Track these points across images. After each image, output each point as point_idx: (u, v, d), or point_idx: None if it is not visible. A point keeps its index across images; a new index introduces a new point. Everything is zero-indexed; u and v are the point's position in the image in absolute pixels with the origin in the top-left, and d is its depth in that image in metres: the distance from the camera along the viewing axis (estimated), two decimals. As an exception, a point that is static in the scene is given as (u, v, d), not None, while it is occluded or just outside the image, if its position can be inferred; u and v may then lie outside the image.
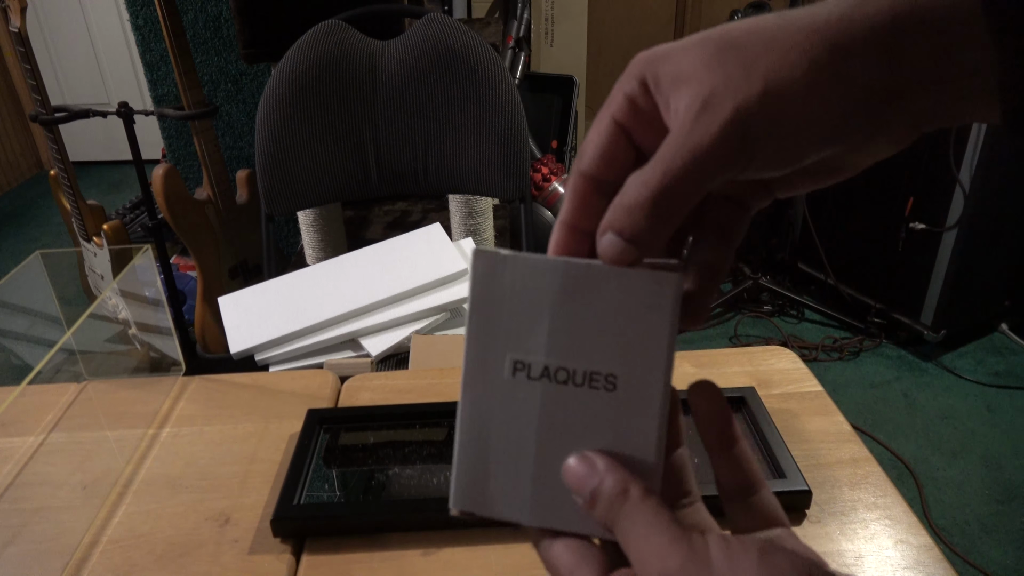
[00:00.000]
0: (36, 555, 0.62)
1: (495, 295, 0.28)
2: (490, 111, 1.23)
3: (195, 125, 1.81)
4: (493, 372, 0.29)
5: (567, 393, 0.28)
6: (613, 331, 0.28)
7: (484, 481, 0.29)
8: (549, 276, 0.28)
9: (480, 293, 0.28)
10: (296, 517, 0.61)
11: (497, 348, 0.28)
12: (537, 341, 0.28)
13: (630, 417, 0.28)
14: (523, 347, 0.28)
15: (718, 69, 0.25)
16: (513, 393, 0.28)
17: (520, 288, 0.28)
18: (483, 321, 0.29)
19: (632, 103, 0.27)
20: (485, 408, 0.29)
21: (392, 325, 1.04)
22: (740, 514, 0.30)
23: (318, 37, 1.21)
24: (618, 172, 0.28)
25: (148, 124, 2.35)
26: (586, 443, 0.28)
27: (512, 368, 0.28)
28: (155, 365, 0.88)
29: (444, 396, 0.78)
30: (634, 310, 0.27)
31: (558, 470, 0.28)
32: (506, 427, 0.29)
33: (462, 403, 0.29)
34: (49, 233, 3.21)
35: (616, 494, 0.27)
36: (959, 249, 2.01)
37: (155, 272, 0.91)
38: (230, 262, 1.91)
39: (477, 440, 0.29)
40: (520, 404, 0.28)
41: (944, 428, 1.92)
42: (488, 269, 0.28)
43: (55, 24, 3.61)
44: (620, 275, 0.27)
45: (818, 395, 0.76)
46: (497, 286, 0.28)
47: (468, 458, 0.29)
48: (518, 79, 2.66)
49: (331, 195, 1.30)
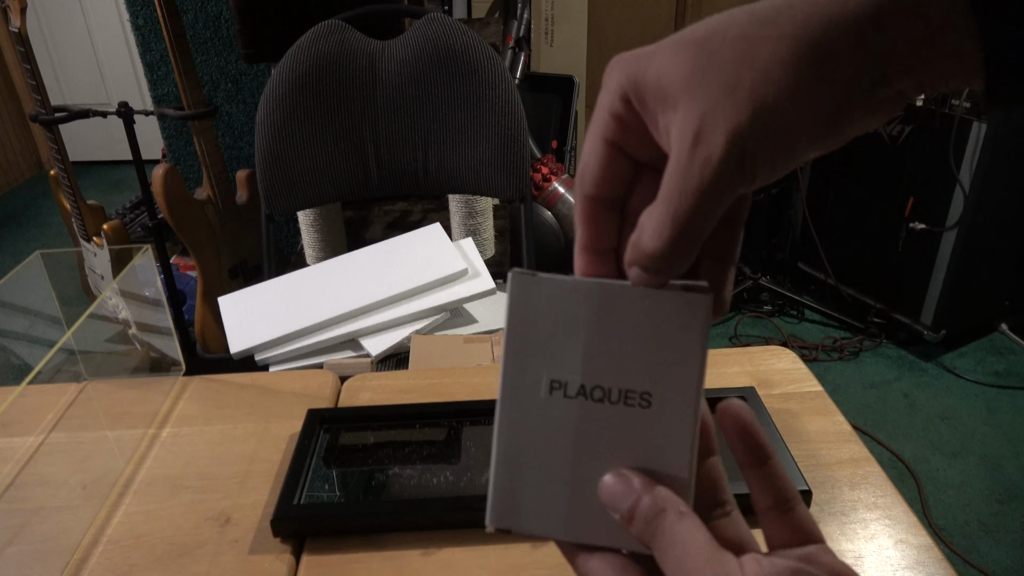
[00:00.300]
0: (36, 555, 0.62)
1: (531, 316, 0.29)
2: (490, 111, 1.23)
3: (195, 125, 1.81)
4: (530, 391, 0.29)
5: (603, 411, 0.29)
6: (646, 350, 0.28)
7: (520, 498, 0.30)
8: (583, 297, 0.29)
9: (516, 314, 0.29)
10: (296, 517, 0.61)
11: (534, 368, 0.29)
12: (573, 360, 0.29)
13: (664, 433, 0.29)
14: (559, 366, 0.29)
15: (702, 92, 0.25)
16: (549, 411, 0.29)
17: (555, 309, 0.29)
18: (519, 341, 0.29)
19: (619, 120, 0.28)
20: (521, 426, 0.30)
21: (392, 325, 1.04)
22: (775, 529, 0.30)
23: (318, 37, 1.21)
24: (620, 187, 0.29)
25: (148, 124, 2.35)
26: (621, 459, 0.29)
27: (549, 387, 0.29)
28: (155, 365, 0.88)
29: (444, 396, 0.78)
30: (666, 329, 0.28)
31: (594, 486, 0.29)
32: (542, 445, 0.29)
33: (499, 422, 0.30)
34: (49, 233, 3.21)
35: (654, 513, 0.27)
36: (959, 249, 2.01)
37: (155, 272, 0.91)
38: (230, 262, 1.91)
39: (514, 458, 0.30)
40: (556, 422, 0.29)
41: (944, 428, 1.92)
42: (524, 291, 0.29)
43: (55, 24, 3.61)
44: (652, 296, 0.28)
45: (818, 395, 0.76)
46: (532, 307, 0.29)
47: (504, 476, 0.30)
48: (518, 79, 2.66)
49: (331, 195, 1.30)
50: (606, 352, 0.29)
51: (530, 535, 0.30)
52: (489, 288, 1.06)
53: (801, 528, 0.30)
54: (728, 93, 0.25)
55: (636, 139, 0.28)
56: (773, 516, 0.30)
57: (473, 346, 0.96)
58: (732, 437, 0.30)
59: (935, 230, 2.04)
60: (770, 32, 0.25)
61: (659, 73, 0.26)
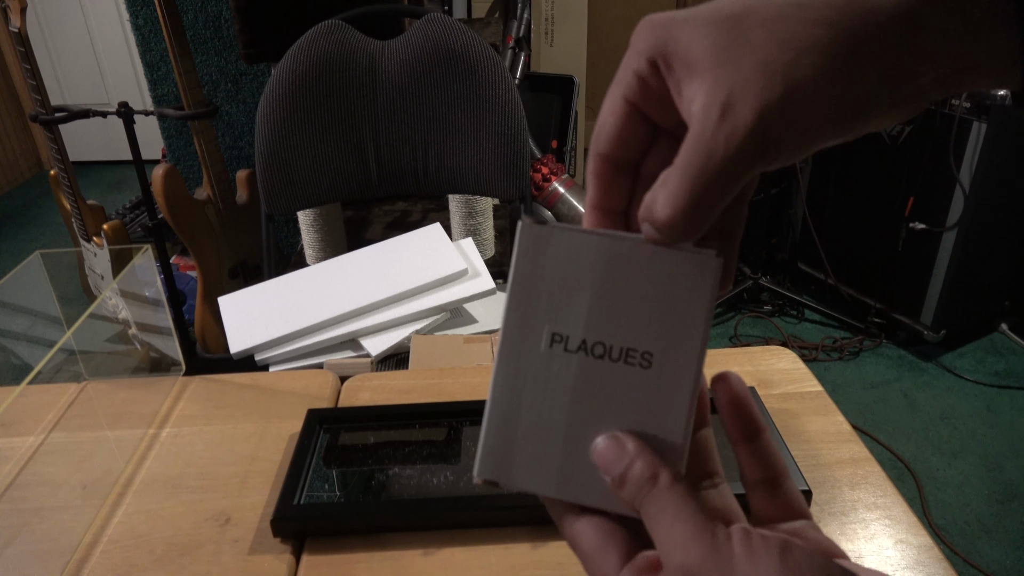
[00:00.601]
0: (36, 555, 0.62)
1: (538, 267, 0.29)
2: (490, 111, 1.23)
3: (195, 125, 1.81)
4: (530, 343, 0.29)
5: (602, 368, 0.29)
6: (652, 309, 0.28)
7: (511, 451, 0.29)
8: (593, 251, 0.28)
9: (523, 264, 0.29)
10: (296, 517, 0.61)
11: (536, 319, 0.29)
12: (576, 315, 0.28)
13: (662, 396, 0.28)
14: (562, 320, 0.29)
15: (733, 67, 0.25)
16: (548, 365, 0.29)
17: (563, 261, 0.28)
18: (524, 292, 0.29)
19: (642, 82, 0.27)
20: (518, 378, 0.29)
21: (392, 325, 1.04)
22: (763, 504, 0.30)
23: (318, 37, 1.21)
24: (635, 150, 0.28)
25: (148, 124, 2.35)
26: (617, 419, 0.28)
27: (550, 340, 0.29)
28: (155, 365, 0.88)
29: (444, 396, 0.78)
30: (674, 290, 0.28)
31: (587, 445, 0.29)
32: (538, 398, 0.29)
33: (496, 372, 0.29)
34: (49, 233, 3.21)
35: (645, 479, 0.27)
36: (959, 249, 2.01)
37: (155, 272, 0.91)
38: (230, 262, 1.91)
39: (508, 410, 0.29)
40: (554, 376, 0.29)
41: (944, 428, 1.92)
42: (533, 241, 0.29)
43: (55, 24, 3.61)
44: (662, 255, 0.28)
45: (818, 395, 0.76)
46: (541, 258, 0.29)
47: (497, 427, 0.29)
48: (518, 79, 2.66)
49: (331, 195, 1.30)
50: (611, 308, 0.28)
51: (518, 489, 0.29)
52: (489, 288, 1.06)
53: (789, 503, 0.30)
54: (760, 70, 0.25)
55: (657, 103, 0.28)
56: (762, 490, 0.30)
57: (473, 346, 0.96)
58: (726, 410, 0.30)
59: (935, 230, 2.04)
60: (808, 15, 0.25)
61: (690, 42, 0.26)
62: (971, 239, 2.00)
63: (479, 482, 0.30)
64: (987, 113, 1.86)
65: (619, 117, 0.28)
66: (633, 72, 0.27)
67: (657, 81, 0.27)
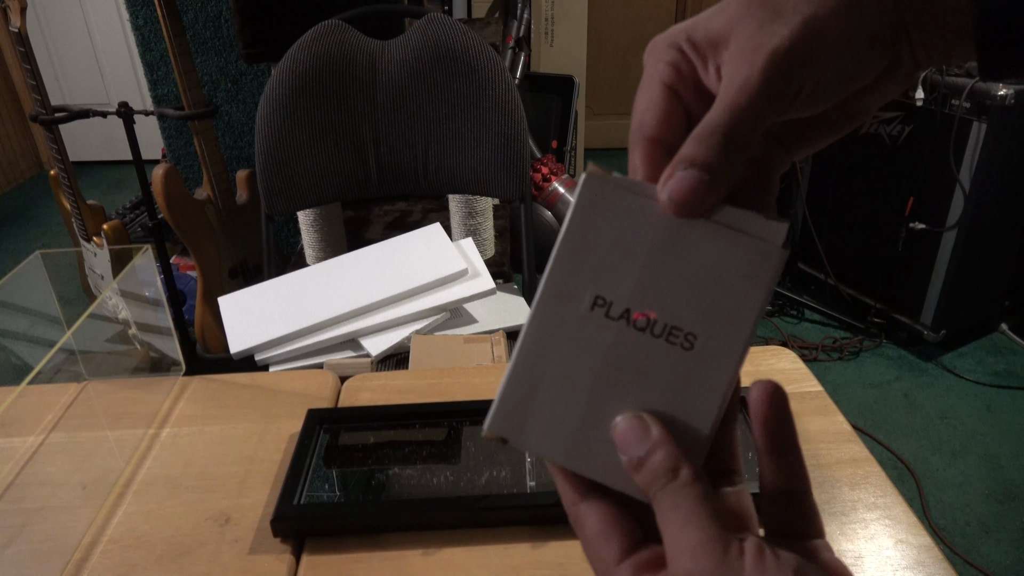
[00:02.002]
0: (36, 555, 0.62)
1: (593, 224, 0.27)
2: (490, 111, 1.23)
3: (195, 125, 1.81)
4: (571, 302, 0.28)
5: (641, 341, 0.27)
6: (705, 290, 0.27)
7: (527, 410, 0.28)
8: (654, 219, 0.27)
9: (579, 219, 0.27)
10: (296, 517, 0.61)
11: (582, 278, 0.27)
12: (625, 282, 0.27)
13: (698, 382, 0.27)
14: (609, 284, 0.27)
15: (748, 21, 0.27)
16: (585, 327, 0.28)
17: (622, 223, 0.27)
18: (574, 248, 0.27)
19: (674, 68, 0.28)
20: (551, 336, 0.28)
21: (392, 325, 1.04)
22: (779, 515, 0.29)
23: (318, 37, 1.21)
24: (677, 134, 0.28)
25: (148, 124, 2.35)
26: (645, 396, 0.27)
27: (592, 302, 0.27)
28: (155, 365, 0.88)
29: (444, 396, 0.78)
30: (731, 275, 0.27)
31: (607, 417, 0.28)
32: (567, 360, 0.28)
33: (528, 325, 0.28)
34: (49, 233, 3.21)
35: (665, 469, 0.26)
36: (959, 249, 2.01)
37: (155, 272, 0.91)
38: (230, 262, 1.91)
39: (533, 366, 0.28)
40: (589, 341, 0.27)
41: (944, 428, 1.92)
42: (593, 196, 0.27)
43: (55, 24, 3.61)
44: (724, 236, 0.27)
45: (818, 395, 0.76)
46: (598, 215, 0.27)
47: (518, 382, 0.28)
48: (518, 79, 2.66)
49: (331, 195, 1.30)
50: (663, 281, 0.27)
51: (527, 450, 0.28)
52: (489, 288, 1.06)
53: (807, 519, 0.29)
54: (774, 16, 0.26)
55: (689, 89, 0.28)
56: (781, 502, 0.29)
57: (473, 346, 0.96)
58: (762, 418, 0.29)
59: (935, 230, 2.04)
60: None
61: (708, 21, 0.28)
62: (971, 239, 2.00)
63: (487, 435, 0.28)
64: (987, 113, 1.86)
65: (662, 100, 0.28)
66: (663, 61, 0.28)
67: (686, 64, 0.28)
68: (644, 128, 0.28)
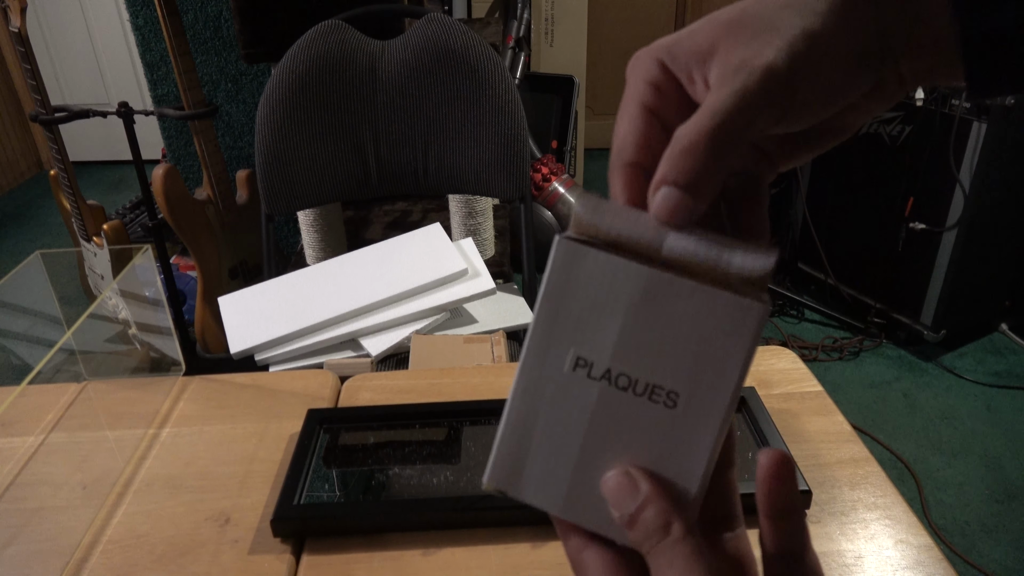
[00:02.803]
0: (36, 555, 0.62)
1: (571, 285, 0.27)
2: (490, 111, 1.23)
3: (195, 125, 1.81)
4: (553, 361, 0.28)
5: (624, 400, 0.27)
6: (685, 349, 0.26)
7: (522, 464, 0.29)
8: (631, 279, 0.27)
9: (556, 280, 0.27)
10: (296, 517, 0.61)
11: (562, 339, 0.28)
12: (605, 341, 0.27)
13: (683, 441, 0.27)
14: (589, 344, 0.27)
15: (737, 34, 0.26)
16: (569, 387, 0.28)
17: (598, 283, 0.27)
18: (553, 308, 0.27)
19: (655, 87, 0.28)
20: (538, 394, 0.28)
21: (392, 325, 1.04)
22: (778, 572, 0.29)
23: (318, 37, 1.21)
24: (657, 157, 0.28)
25: (148, 124, 2.35)
26: (632, 455, 0.27)
27: (573, 363, 0.27)
28: (155, 365, 0.88)
29: (444, 396, 0.78)
30: (712, 332, 0.26)
31: (598, 473, 0.28)
32: (555, 418, 0.28)
33: (516, 382, 0.28)
34: (49, 233, 3.21)
35: (657, 527, 0.26)
36: (959, 249, 2.01)
37: (155, 272, 0.91)
38: (230, 262, 1.91)
39: (524, 422, 0.28)
40: (573, 400, 0.28)
41: (944, 428, 1.92)
42: (569, 258, 0.27)
43: (55, 24, 3.61)
44: (704, 293, 0.26)
45: (818, 395, 0.76)
46: (575, 277, 0.27)
47: (511, 437, 0.29)
48: (518, 79, 2.66)
49: (331, 195, 1.30)
50: (642, 340, 0.27)
51: (525, 501, 0.29)
52: (489, 288, 1.06)
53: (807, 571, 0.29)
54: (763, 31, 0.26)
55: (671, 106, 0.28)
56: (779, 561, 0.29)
57: (473, 346, 0.96)
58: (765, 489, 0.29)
59: (935, 230, 2.04)
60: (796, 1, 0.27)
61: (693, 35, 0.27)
62: (971, 239, 2.01)
63: (487, 488, 0.29)
64: (987, 113, 1.86)
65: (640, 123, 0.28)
66: (644, 81, 0.28)
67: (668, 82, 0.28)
68: (623, 154, 0.28)
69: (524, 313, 1.15)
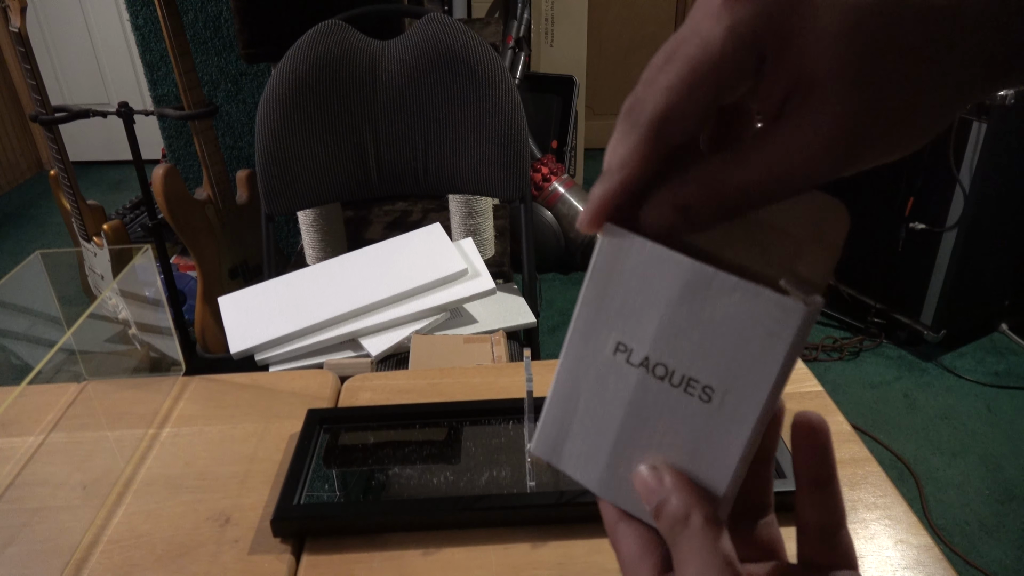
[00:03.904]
0: (36, 555, 0.62)
1: (616, 273, 0.27)
2: (490, 111, 1.23)
3: (195, 125, 1.81)
4: (596, 344, 0.28)
5: (661, 389, 0.27)
6: (723, 345, 0.26)
7: (564, 439, 0.30)
8: (674, 271, 0.26)
9: (602, 267, 0.28)
10: (296, 517, 0.61)
11: (605, 324, 0.28)
12: (645, 330, 0.27)
13: (716, 437, 0.27)
14: (630, 331, 0.27)
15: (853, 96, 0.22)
16: (610, 370, 0.28)
17: (643, 273, 0.27)
18: (598, 294, 0.28)
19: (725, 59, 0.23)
20: (581, 373, 0.29)
21: (392, 325, 1.04)
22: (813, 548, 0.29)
23: (318, 37, 1.21)
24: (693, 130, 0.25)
25: (148, 124, 2.35)
26: (667, 445, 0.27)
27: (615, 347, 0.28)
28: (155, 365, 0.88)
29: (444, 396, 0.78)
30: (752, 331, 0.26)
31: (633, 461, 0.28)
32: (595, 400, 0.29)
33: (562, 361, 0.29)
34: (49, 233, 3.21)
35: (678, 518, 0.26)
36: (959, 249, 2.01)
37: (155, 272, 0.91)
38: (230, 262, 1.91)
39: (567, 399, 0.29)
40: (614, 384, 0.28)
41: (944, 428, 1.92)
42: (616, 247, 0.27)
43: (55, 24, 3.61)
44: (747, 291, 0.25)
45: (818, 395, 0.76)
46: (620, 265, 0.27)
47: (556, 412, 0.30)
48: (518, 79, 2.66)
49: (331, 195, 1.30)
50: (682, 332, 0.26)
51: (568, 474, 0.30)
52: (489, 288, 1.06)
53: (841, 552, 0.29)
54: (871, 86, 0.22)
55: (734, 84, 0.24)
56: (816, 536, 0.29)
57: (473, 346, 0.96)
58: (802, 453, 0.29)
59: (935, 230, 2.04)
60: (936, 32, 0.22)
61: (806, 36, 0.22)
62: (971, 239, 2.00)
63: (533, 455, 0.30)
64: (987, 113, 1.86)
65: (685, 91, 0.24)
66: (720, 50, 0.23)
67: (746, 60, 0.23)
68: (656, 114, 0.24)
69: (524, 313, 1.15)
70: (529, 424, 0.66)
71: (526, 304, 1.18)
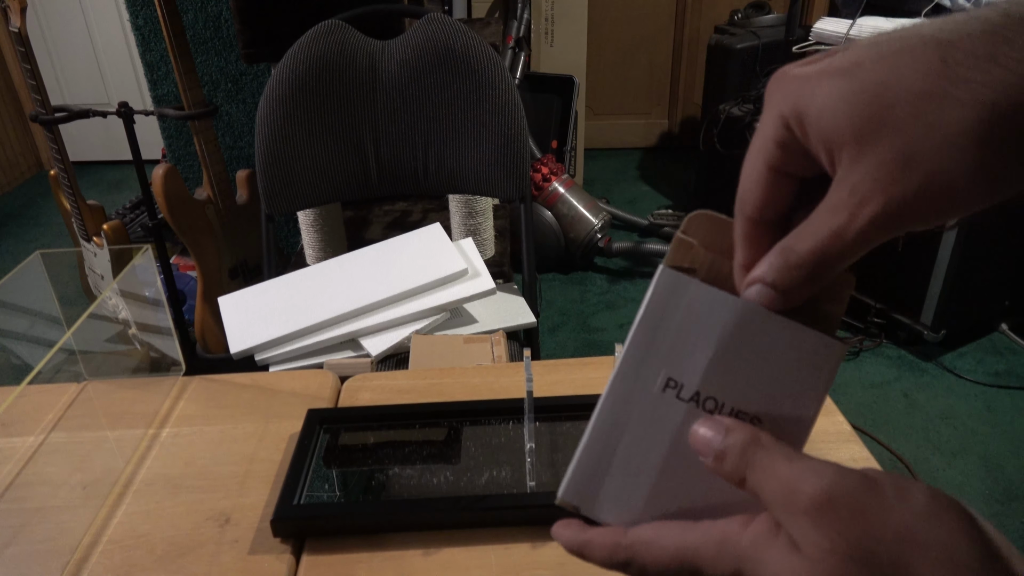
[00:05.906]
0: (36, 555, 0.62)
1: (668, 312, 0.29)
2: (490, 111, 1.23)
3: (195, 125, 1.81)
4: (645, 381, 0.30)
5: None
6: (771, 378, 0.29)
7: (600, 481, 0.30)
8: (726, 310, 0.29)
9: (655, 305, 0.30)
10: (296, 517, 0.61)
11: (655, 361, 0.30)
12: (696, 366, 0.29)
13: None
14: (681, 367, 0.29)
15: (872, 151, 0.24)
16: (657, 407, 0.30)
17: (695, 312, 0.29)
18: (650, 331, 0.30)
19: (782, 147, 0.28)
20: (625, 411, 0.30)
21: (392, 325, 1.04)
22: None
23: (318, 37, 1.21)
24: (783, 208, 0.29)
25: (148, 124, 2.35)
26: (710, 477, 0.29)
27: (664, 384, 0.30)
28: (155, 365, 0.88)
29: (444, 396, 0.78)
30: (796, 365, 0.29)
31: (676, 491, 0.29)
32: (639, 437, 0.30)
33: (604, 401, 0.30)
34: (49, 233, 3.21)
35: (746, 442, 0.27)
36: (959, 249, 2.01)
37: (155, 272, 0.91)
38: (230, 262, 1.91)
39: (607, 440, 0.30)
40: (660, 420, 0.30)
41: (944, 428, 1.92)
42: (670, 287, 0.30)
43: (55, 24, 3.60)
44: (791, 329, 0.29)
45: (818, 395, 0.76)
46: (673, 304, 0.29)
47: (592, 454, 0.30)
48: (518, 79, 2.66)
49: (331, 195, 1.30)
50: (731, 367, 0.29)
51: (597, 519, 0.30)
52: (489, 288, 1.06)
53: None
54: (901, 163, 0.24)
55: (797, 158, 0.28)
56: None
57: (473, 346, 0.96)
58: None
59: (935, 230, 2.04)
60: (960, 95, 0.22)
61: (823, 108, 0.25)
62: (971, 239, 2.00)
63: (560, 503, 0.31)
64: None
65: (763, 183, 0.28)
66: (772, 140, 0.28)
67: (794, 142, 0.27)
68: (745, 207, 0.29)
69: (524, 313, 1.15)
70: (529, 424, 0.67)
71: (526, 304, 1.18)
